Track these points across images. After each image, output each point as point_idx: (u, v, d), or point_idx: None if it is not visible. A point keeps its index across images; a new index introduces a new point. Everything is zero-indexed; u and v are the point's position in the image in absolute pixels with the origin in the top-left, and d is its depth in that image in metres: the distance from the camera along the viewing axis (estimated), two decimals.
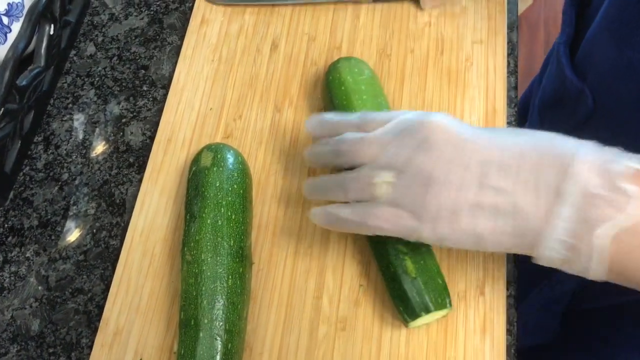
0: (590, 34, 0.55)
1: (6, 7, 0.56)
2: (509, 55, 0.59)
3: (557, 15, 1.79)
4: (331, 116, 0.47)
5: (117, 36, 0.65)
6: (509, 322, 0.49)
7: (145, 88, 0.62)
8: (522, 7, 1.78)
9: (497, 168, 0.38)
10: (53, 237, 0.56)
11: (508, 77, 0.58)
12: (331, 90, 0.54)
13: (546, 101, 0.66)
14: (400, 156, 0.41)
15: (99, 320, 0.51)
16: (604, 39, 0.52)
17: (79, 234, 0.56)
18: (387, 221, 0.41)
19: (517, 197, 0.37)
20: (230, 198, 0.48)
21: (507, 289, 0.50)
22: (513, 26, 0.61)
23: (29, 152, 0.60)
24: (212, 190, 0.48)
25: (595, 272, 0.37)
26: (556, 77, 0.62)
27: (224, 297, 0.45)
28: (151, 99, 0.61)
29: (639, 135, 0.49)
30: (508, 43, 0.59)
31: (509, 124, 0.56)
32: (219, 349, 0.44)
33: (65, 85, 0.63)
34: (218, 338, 0.44)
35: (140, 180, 0.56)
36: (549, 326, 0.67)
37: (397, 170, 0.40)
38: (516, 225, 0.37)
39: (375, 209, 0.41)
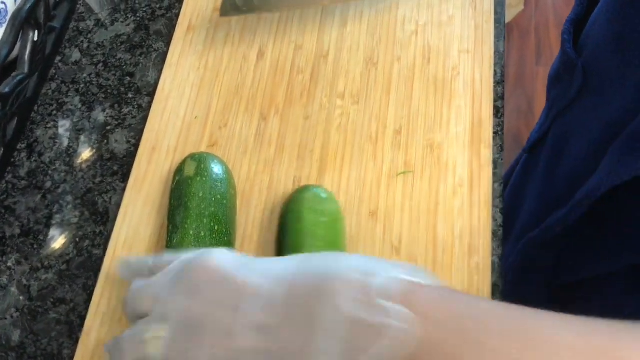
0: (594, 12, 0.57)
1: None
2: (495, 64, 0.59)
3: (549, 22, 1.80)
4: (130, 259, 0.44)
5: (102, 42, 0.64)
6: None
7: (130, 95, 0.61)
8: (513, 13, 1.79)
9: (264, 307, 0.34)
10: (35, 246, 0.55)
11: (495, 86, 0.58)
12: (287, 222, 0.49)
13: (551, 78, 0.68)
14: (171, 305, 0.36)
15: (80, 331, 0.51)
16: (601, 16, 0.54)
17: (61, 243, 0.55)
18: None
19: (283, 335, 0.33)
20: (213, 209, 0.48)
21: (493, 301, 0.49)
22: (500, 36, 0.60)
23: (12, 160, 0.59)
24: (195, 201, 0.48)
25: None
26: (560, 54, 0.63)
27: None
28: (136, 106, 0.61)
29: (619, 110, 0.50)
30: (495, 53, 0.59)
31: (495, 133, 0.56)
32: None
33: (50, 91, 0.62)
34: None
35: (124, 189, 0.56)
36: (532, 302, 0.68)
37: (169, 320, 0.36)
38: None
39: None
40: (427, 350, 0.31)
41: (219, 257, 0.37)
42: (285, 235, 0.49)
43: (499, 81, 0.58)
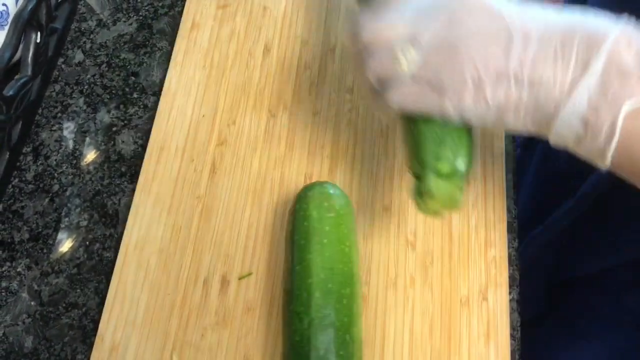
0: None
1: None
2: None
3: None
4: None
5: (105, 43, 0.64)
6: (512, 326, 0.48)
7: (135, 95, 0.61)
8: None
9: (524, 39, 0.36)
10: (45, 251, 0.54)
11: None
12: (295, 221, 0.49)
13: None
14: (425, 30, 0.38)
15: (94, 336, 0.50)
16: (595, 1, 0.53)
17: (71, 246, 0.55)
18: (409, 98, 0.39)
19: (542, 69, 0.35)
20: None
21: (510, 293, 0.49)
22: None
23: (18, 164, 0.58)
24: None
25: (608, 153, 0.35)
26: None
27: None
28: (142, 106, 0.60)
29: None
30: None
31: None
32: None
33: (54, 94, 0.61)
34: None
35: (133, 190, 0.55)
36: (532, 299, 0.68)
37: (422, 44, 0.38)
38: (538, 97, 0.36)
39: (397, 87, 0.39)
40: None
41: None
42: (294, 234, 0.48)
43: None
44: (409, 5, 0.40)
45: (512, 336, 0.48)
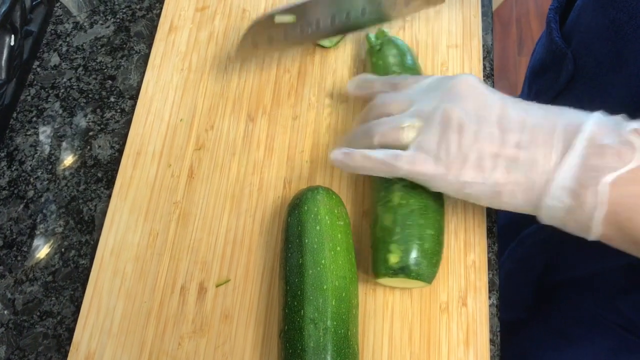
0: (579, 0, 0.57)
1: None
2: (484, 58, 0.58)
3: (530, 12, 1.80)
4: (369, 76, 0.51)
5: (82, 45, 0.63)
6: (492, 332, 0.48)
7: (112, 99, 0.60)
8: (494, 5, 1.79)
9: (517, 125, 0.40)
10: (19, 258, 0.53)
11: (484, 80, 0.57)
12: (304, 222, 0.46)
13: (535, 69, 0.67)
14: (427, 106, 0.43)
15: (69, 345, 0.49)
16: (591, 3, 0.53)
17: (46, 253, 0.54)
18: (413, 164, 0.42)
19: (532, 151, 0.39)
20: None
21: (490, 298, 0.49)
22: (488, 29, 0.60)
23: None
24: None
25: (596, 222, 0.38)
26: (545, 44, 0.63)
27: None
28: (119, 110, 0.59)
29: (616, 97, 0.49)
30: (483, 46, 0.59)
31: None
32: None
33: (29, 97, 0.60)
34: None
35: (110, 196, 0.54)
36: (522, 300, 0.67)
37: (424, 118, 0.43)
38: (529, 176, 0.39)
39: (402, 152, 0.43)
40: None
41: (475, 78, 0.43)
42: (304, 236, 0.46)
43: (489, 75, 0.58)
44: (415, 86, 0.46)
45: (492, 341, 0.47)
